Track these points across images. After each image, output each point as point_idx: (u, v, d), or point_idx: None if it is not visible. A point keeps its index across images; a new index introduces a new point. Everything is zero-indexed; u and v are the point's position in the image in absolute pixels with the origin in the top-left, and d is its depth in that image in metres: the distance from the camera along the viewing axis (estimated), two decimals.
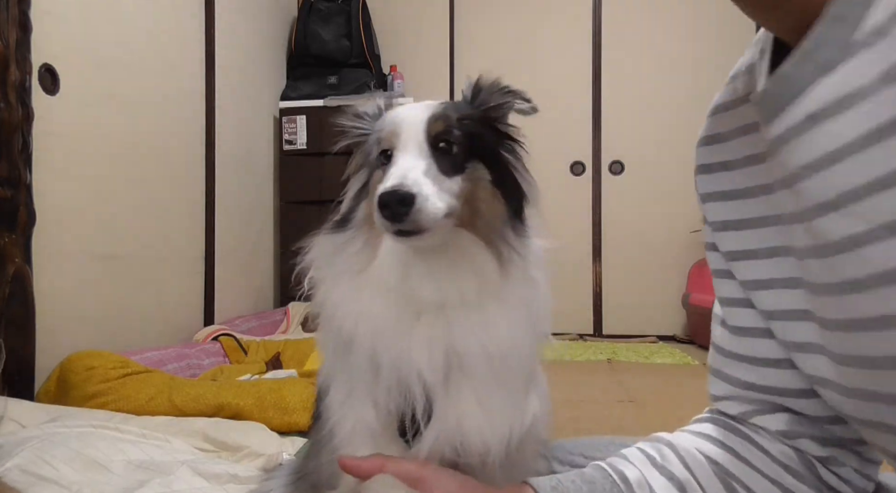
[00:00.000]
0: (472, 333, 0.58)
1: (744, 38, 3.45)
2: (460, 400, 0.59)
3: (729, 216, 0.56)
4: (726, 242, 0.57)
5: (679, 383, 2.28)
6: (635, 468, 0.60)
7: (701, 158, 0.59)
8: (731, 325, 0.59)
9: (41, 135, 1.57)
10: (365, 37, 3.32)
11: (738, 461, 0.58)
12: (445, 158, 0.59)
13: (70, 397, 1.46)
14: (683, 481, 0.58)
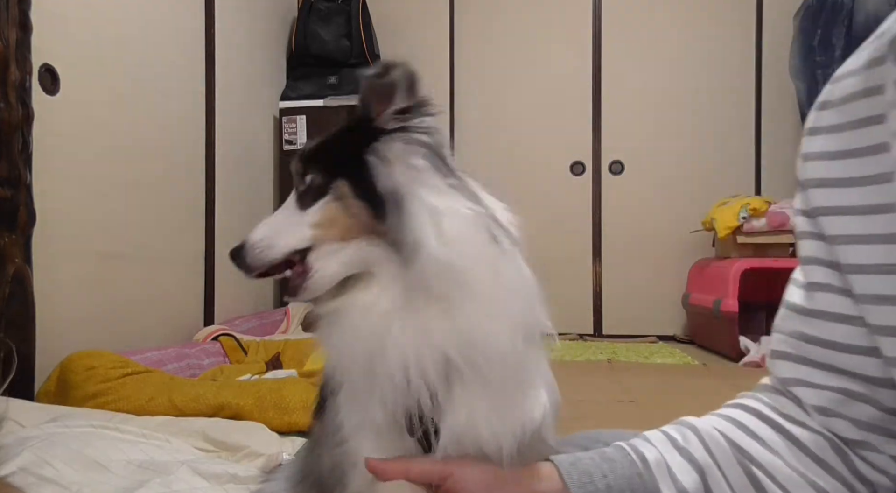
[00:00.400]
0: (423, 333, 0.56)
1: (744, 38, 3.45)
2: (467, 397, 0.58)
3: (828, 174, 0.55)
4: (818, 198, 0.56)
5: (679, 383, 2.28)
6: (655, 449, 0.61)
7: (811, 122, 0.58)
8: (807, 281, 0.58)
9: (41, 135, 1.57)
10: (365, 37, 3.32)
11: (763, 449, 0.58)
12: (306, 192, 0.61)
13: (70, 397, 1.46)
14: (703, 465, 0.58)
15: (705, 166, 3.48)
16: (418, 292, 0.55)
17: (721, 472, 0.58)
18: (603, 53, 3.59)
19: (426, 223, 0.55)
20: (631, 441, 0.63)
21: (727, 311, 2.71)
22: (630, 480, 0.59)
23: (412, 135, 0.60)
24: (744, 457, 0.58)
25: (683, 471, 0.59)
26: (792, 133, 3.35)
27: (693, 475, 0.58)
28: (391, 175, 0.57)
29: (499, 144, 3.63)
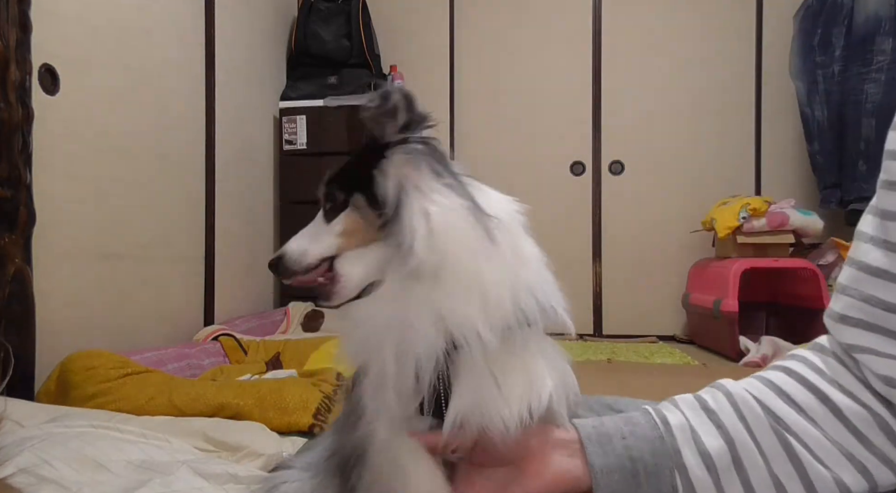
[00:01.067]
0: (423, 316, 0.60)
1: (744, 38, 3.45)
2: (470, 380, 0.61)
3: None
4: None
5: (679, 383, 2.28)
6: (680, 413, 0.61)
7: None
8: (887, 239, 0.54)
9: (41, 135, 1.57)
10: (365, 37, 3.32)
11: (800, 418, 0.56)
12: (331, 208, 0.70)
13: (70, 397, 1.46)
14: (732, 431, 0.57)
15: (705, 166, 3.48)
16: (412, 284, 0.61)
17: (753, 438, 0.57)
18: (603, 54, 3.59)
19: (417, 223, 0.61)
20: (658, 405, 0.64)
21: (727, 311, 2.71)
22: (651, 442, 0.59)
23: (409, 145, 0.67)
24: (779, 425, 0.56)
25: (709, 435, 0.58)
26: (792, 133, 3.35)
27: (719, 440, 0.57)
28: (388, 184, 0.64)
29: (499, 144, 3.63)
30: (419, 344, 0.59)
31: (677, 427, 0.59)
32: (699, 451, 0.57)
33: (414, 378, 0.60)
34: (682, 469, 0.58)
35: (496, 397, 0.60)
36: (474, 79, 3.68)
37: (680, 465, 0.58)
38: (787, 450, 0.55)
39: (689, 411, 0.60)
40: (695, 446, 0.58)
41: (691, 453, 0.58)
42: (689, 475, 0.57)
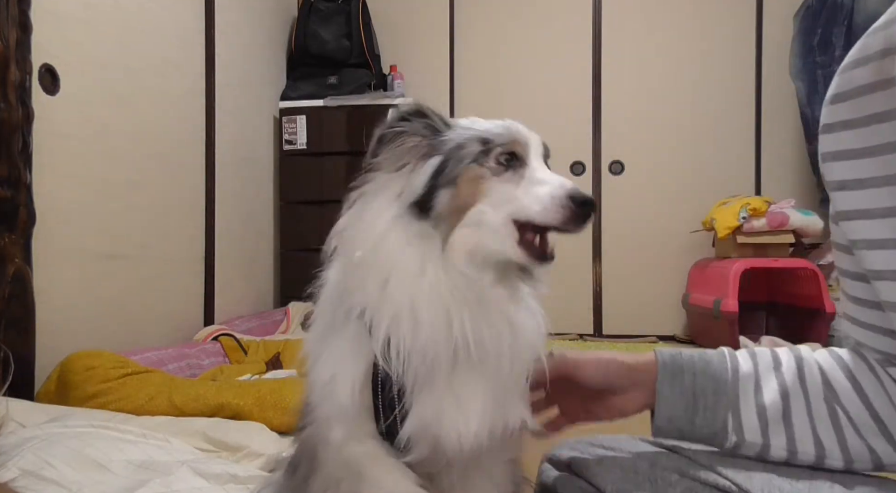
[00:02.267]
0: (497, 328, 0.63)
1: (744, 38, 3.45)
2: (441, 396, 0.61)
3: (846, 176, 0.56)
4: (839, 202, 0.58)
5: None
6: (751, 364, 0.67)
7: (825, 117, 0.59)
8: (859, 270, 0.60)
9: (41, 135, 1.57)
10: (365, 37, 3.31)
11: (852, 392, 0.61)
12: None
13: (70, 397, 1.46)
14: (792, 392, 0.64)
15: (705, 166, 3.48)
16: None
17: (806, 402, 0.63)
18: (603, 53, 3.59)
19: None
20: (736, 351, 0.70)
21: (727, 311, 2.70)
22: (716, 383, 0.66)
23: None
24: (832, 396, 0.63)
25: (770, 390, 0.64)
26: (792, 133, 3.35)
27: (777, 396, 0.64)
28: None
29: None
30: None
31: (744, 376, 0.66)
32: (756, 401, 0.64)
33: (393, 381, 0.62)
34: (736, 412, 0.65)
35: (456, 416, 0.63)
36: (474, 79, 3.68)
37: (736, 408, 0.65)
38: (833, 417, 0.62)
39: (762, 364, 0.67)
40: (753, 395, 0.65)
41: (749, 401, 0.64)
42: (742, 418, 0.65)
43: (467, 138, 0.66)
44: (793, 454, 0.64)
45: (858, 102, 0.55)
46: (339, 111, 3.13)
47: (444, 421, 0.61)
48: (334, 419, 0.64)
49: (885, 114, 0.53)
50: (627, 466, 0.71)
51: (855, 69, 0.56)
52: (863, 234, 0.56)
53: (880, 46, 0.54)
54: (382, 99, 3.17)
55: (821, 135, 0.60)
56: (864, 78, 0.54)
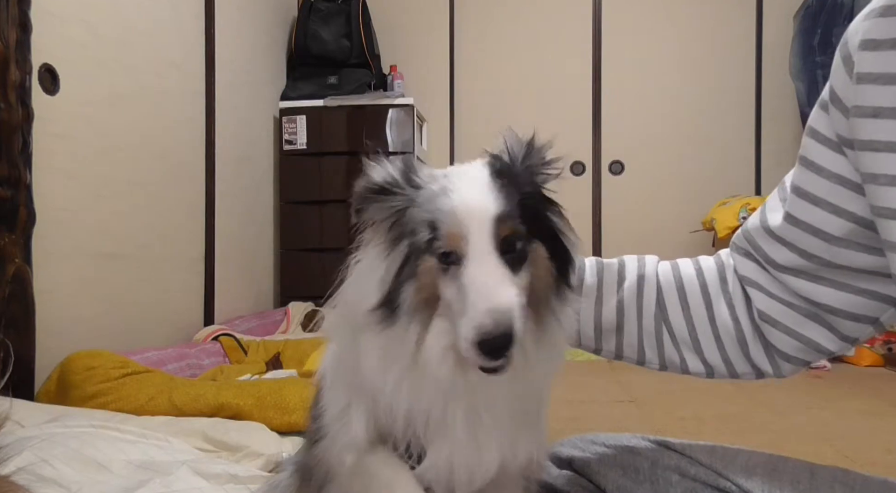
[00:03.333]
0: (499, 389, 0.59)
1: (744, 38, 3.45)
2: (455, 434, 0.59)
3: (884, 103, 0.51)
4: (866, 130, 0.53)
5: (679, 382, 2.27)
6: (596, 281, 0.76)
7: (869, 32, 0.53)
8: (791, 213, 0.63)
9: (41, 135, 1.57)
10: (365, 37, 3.31)
11: (682, 316, 0.71)
12: (513, 256, 0.57)
13: (70, 397, 1.46)
14: (627, 308, 0.74)
15: (705, 166, 3.48)
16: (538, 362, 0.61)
17: (638, 318, 0.73)
18: (603, 53, 3.59)
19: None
20: (584, 260, 0.77)
21: None
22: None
23: (561, 212, 0.65)
24: (662, 314, 0.73)
25: (609, 306, 0.75)
26: (792, 133, 3.35)
27: (613, 310, 0.74)
28: (572, 243, 0.63)
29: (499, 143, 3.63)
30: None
31: (588, 288, 0.75)
32: (595, 313, 0.74)
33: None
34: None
35: (472, 458, 0.60)
36: (474, 79, 3.68)
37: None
38: (658, 335, 0.73)
39: (606, 281, 0.75)
40: (593, 307, 0.74)
41: (589, 312, 0.74)
42: (581, 326, 0.75)
43: (419, 222, 0.57)
44: (619, 356, 0.77)
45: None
46: (339, 111, 3.13)
47: (457, 464, 0.59)
48: (348, 447, 0.63)
49: None
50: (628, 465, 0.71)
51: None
52: (886, 169, 0.51)
53: None
54: (382, 99, 3.17)
55: (861, 51, 0.54)
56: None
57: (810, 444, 1.53)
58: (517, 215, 0.58)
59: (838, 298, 0.61)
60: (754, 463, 0.69)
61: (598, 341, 0.76)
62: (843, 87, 0.56)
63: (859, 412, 1.91)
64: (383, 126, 3.11)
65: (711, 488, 0.68)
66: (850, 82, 0.54)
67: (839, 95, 0.57)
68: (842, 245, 0.58)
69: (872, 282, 0.60)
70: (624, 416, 1.82)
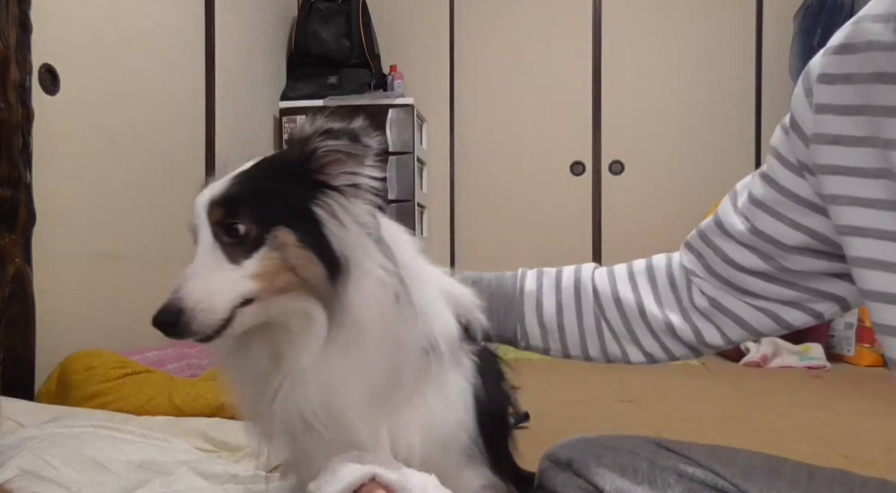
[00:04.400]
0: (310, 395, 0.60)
1: (744, 38, 3.45)
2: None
3: (842, 132, 0.56)
4: (827, 156, 0.57)
5: (679, 383, 2.28)
6: (535, 284, 0.82)
7: (826, 67, 0.58)
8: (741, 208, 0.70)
9: (41, 135, 1.57)
10: (365, 37, 3.31)
11: (617, 312, 0.77)
12: (235, 242, 0.57)
13: (70, 397, 1.46)
14: (566, 308, 0.80)
15: (705, 166, 3.48)
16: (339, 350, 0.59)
17: (578, 316, 0.79)
18: (603, 53, 3.59)
19: (371, 292, 0.58)
20: (529, 272, 0.84)
21: None
22: (507, 300, 0.81)
23: (361, 190, 0.60)
24: (600, 312, 0.79)
25: (550, 306, 0.80)
26: None
27: (553, 311, 0.80)
28: (344, 236, 0.58)
29: (499, 144, 3.63)
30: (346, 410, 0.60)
31: (528, 294, 0.81)
32: (538, 314, 0.80)
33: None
34: (522, 323, 0.81)
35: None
36: (474, 79, 3.68)
37: (522, 320, 0.81)
38: (598, 330, 0.79)
39: (547, 283, 0.82)
40: (535, 310, 0.81)
41: (532, 314, 0.81)
42: (526, 328, 0.81)
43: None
44: (566, 354, 0.82)
45: (867, 56, 0.54)
46: (338, 111, 3.12)
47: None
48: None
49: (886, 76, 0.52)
50: (627, 465, 0.71)
51: (868, 23, 0.55)
52: (845, 191, 0.56)
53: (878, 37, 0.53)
54: (382, 99, 3.18)
55: (819, 84, 0.60)
56: (878, 34, 0.53)
57: (810, 444, 1.53)
58: (243, 201, 0.58)
59: (788, 294, 0.68)
60: (753, 464, 0.69)
61: (545, 341, 0.82)
62: (803, 116, 0.62)
63: (859, 411, 1.91)
64: (383, 126, 3.11)
65: (710, 488, 0.68)
66: (810, 112, 0.60)
67: (799, 123, 0.63)
68: (796, 253, 0.65)
69: (821, 283, 0.67)
70: (624, 416, 1.82)
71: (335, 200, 0.59)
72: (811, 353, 2.67)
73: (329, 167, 0.59)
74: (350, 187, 0.59)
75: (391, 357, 0.61)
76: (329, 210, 0.58)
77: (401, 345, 0.61)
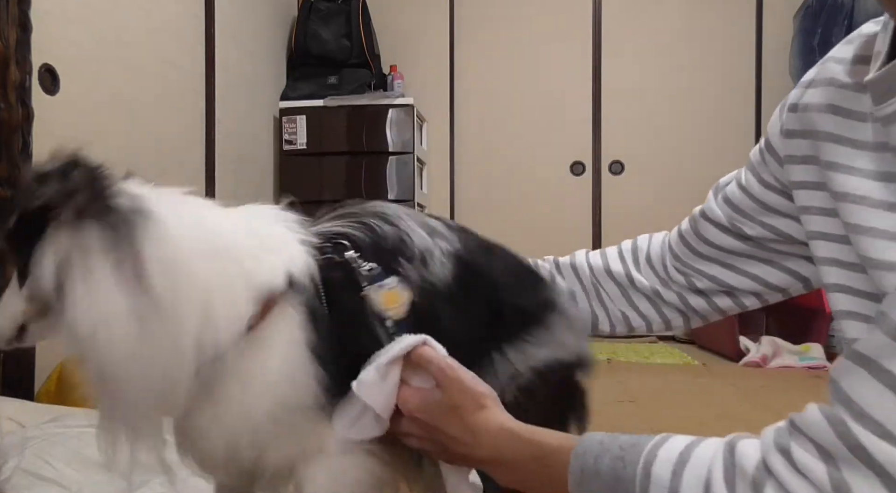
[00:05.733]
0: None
1: (744, 38, 3.45)
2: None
3: (807, 178, 0.64)
4: (798, 172, 0.65)
5: (679, 383, 2.28)
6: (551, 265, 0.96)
7: (794, 98, 0.67)
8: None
9: (41, 135, 1.57)
10: (365, 37, 3.32)
11: (614, 284, 0.92)
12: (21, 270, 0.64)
13: (70, 397, 1.46)
14: (567, 286, 0.93)
15: (705, 166, 3.48)
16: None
17: (584, 291, 0.92)
18: (603, 54, 3.59)
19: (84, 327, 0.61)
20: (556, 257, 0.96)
21: None
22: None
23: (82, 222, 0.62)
24: (600, 287, 0.92)
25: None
26: None
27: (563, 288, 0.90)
28: (45, 272, 0.60)
29: (499, 143, 3.63)
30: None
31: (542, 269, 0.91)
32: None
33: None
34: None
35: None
36: (474, 79, 3.68)
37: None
38: (598, 294, 0.91)
39: (546, 270, 0.92)
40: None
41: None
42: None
43: None
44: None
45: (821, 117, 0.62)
46: (339, 111, 3.13)
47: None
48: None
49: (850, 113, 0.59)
50: None
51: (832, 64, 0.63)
52: (814, 202, 0.63)
53: (853, 53, 0.60)
54: (382, 99, 3.18)
55: (788, 112, 0.67)
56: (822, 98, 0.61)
57: None
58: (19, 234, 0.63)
59: (762, 254, 0.79)
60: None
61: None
62: (777, 139, 0.70)
63: None
64: (383, 126, 3.11)
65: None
66: (781, 136, 0.68)
67: (773, 145, 0.71)
68: (768, 242, 0.77)
69: (791, 262, 0.77)
70: (624, 416, 1.82)
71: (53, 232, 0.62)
72: (811, 353, 2.67)
73: (57, 204, 0.64)
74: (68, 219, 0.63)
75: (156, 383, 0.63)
76: (42, 246, 0.61)
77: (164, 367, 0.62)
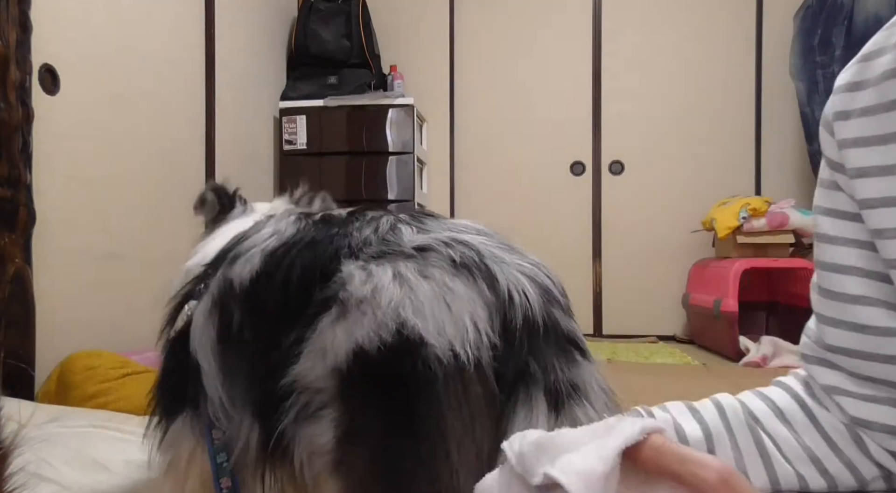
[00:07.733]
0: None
1: (744, 38, 3.45)
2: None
3: (870, 163, 0.53)
4: (860, 190, 0.54)
5: (679, 383, 2.28)
6: (667, 413, 0.65)
7: (839, 105, 0.57)
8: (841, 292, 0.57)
9: (41, 135, 1.57)
10: (365, 37, 3.31)
11: (778, 422, 0.60)
12: None
13: (70, 397, 1.46)
14: (712, 426, 0.61)
15: (705, 166, 3.48)
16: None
17: (729, 432, 0.61)
18: (603, 53, 3.59)
19: None
20: (651, 408, 0.67)
21: (727, 311, 2.71)
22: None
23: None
24: (756, 424, 0.61)
25: (690, 427, 0.62)
26: (792, 133, 3.35)
27: (698, 431, 0.61)
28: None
29: (499, 143, 3.63)
30: None
31: (661, 419, 0.64)
32: (678, 436, 0.62)
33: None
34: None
35: None
36: (474, 79, 3.68)
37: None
38: (759, 446, 0.60)
39: (675, 410, 0.66)
40: (674, 432, 0.62)
41: (672, 436, 0.60)
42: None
43: None
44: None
45: (882, 87, 0.53)
46: (339, 111, 3.13)
47: None
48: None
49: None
50: None
51: (878, 58, 0.54)
52: (889, 223, 0.52)
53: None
54: (382, 99, 3.18)
55: (836, 122, 0.57)
56: (882, 66, 0.52)
57: None
58: None
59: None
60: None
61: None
62: (833, 154, 0.58)
63: None
64: (383, 126, 3.11)
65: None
66: (836, 149, 0.57)
67: (836, 162, 0.59)
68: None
69: None
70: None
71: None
72: None
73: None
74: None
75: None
76: None
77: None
